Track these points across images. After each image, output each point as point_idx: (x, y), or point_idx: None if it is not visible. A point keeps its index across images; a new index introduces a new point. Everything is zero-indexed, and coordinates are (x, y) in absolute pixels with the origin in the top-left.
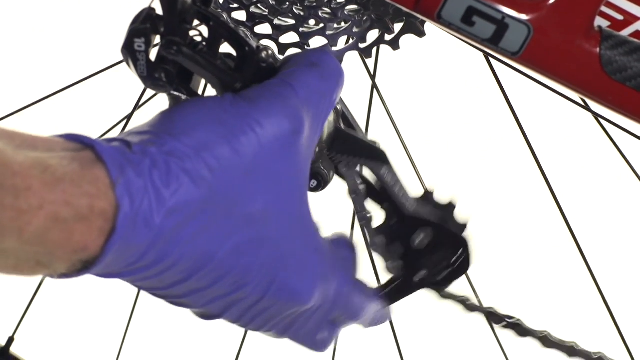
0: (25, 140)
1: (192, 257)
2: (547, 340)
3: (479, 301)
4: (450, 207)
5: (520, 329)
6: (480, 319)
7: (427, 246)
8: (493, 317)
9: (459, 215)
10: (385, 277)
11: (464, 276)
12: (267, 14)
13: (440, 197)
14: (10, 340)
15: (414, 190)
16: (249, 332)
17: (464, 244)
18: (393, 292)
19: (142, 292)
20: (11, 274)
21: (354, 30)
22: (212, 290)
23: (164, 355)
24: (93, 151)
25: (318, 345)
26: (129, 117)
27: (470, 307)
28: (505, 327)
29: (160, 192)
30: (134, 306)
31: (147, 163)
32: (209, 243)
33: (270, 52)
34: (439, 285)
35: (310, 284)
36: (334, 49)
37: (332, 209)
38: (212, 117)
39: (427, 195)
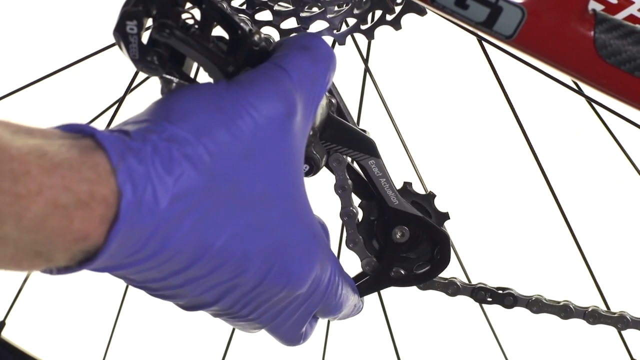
0: (20, 128)
1: (194, 244)
2: (538, 304)
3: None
4: (430, 197)
5: (509, 300)
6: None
7: (407, 240)
8: (481, 293)
9: (439, 205)
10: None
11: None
12: (266, 0)
13: (419, 189)
14: (2, 324)
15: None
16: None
17: (444, 239)
18: (367, 284)
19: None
20: (9, 268)
21: (354, 12)
22: (211, 278)
23: (158, 339)
24: (93, 139)
25: (299, 339)
26: (120, 101)
27: (455, 290)
28: (492, 302)
29: (164, 179)
30: (125, 292)
31: (149, 149)
32: (211, 229)
33: (262, 35)
34: (417, 281)
35: (309, 268)
36: (335, 32)
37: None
38: (208, 103)
39: (406, 186)
